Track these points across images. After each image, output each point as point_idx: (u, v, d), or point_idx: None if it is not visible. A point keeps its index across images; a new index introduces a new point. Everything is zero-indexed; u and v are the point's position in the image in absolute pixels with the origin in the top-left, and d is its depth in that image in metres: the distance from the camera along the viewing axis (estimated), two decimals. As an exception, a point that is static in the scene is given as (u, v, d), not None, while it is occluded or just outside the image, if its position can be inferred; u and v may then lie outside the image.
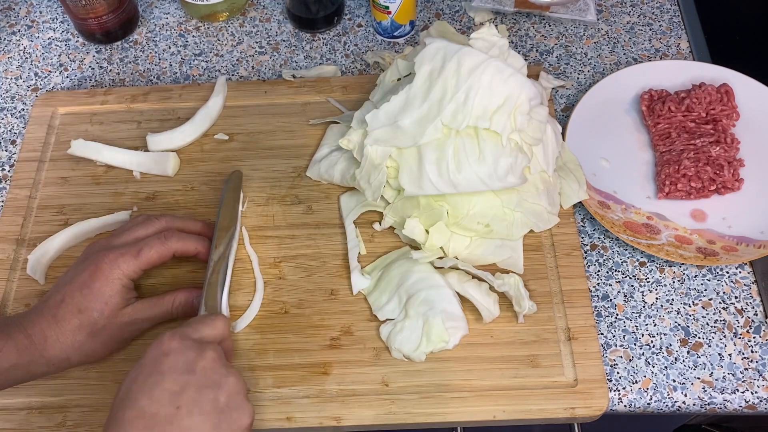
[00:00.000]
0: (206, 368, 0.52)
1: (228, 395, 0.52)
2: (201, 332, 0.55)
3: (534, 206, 0.67)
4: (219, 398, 0.51)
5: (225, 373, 0.53)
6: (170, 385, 0.50)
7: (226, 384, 0.52)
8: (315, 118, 0.78)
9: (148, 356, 0.52)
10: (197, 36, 0.88)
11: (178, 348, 0.52)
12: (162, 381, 0.50)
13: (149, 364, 0.51)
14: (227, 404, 0.51)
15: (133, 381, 0.50)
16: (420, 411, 0.61)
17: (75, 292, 0.58)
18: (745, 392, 0.63)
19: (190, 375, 0.51)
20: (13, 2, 0.92)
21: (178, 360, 0.51)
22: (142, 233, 0.62)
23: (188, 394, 0.50)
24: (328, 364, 0.63)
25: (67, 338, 0.57)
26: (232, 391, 0.52)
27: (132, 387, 0.50)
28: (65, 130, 0.79)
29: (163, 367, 0.51)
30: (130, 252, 0.59)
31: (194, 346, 0.53)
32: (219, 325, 0.57)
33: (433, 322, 0.62)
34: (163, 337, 0.53)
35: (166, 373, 0.50)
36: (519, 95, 0.63)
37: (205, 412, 0.50)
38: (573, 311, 0.65)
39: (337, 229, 0.71)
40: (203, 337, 0.55)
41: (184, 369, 0.51)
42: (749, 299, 0.67)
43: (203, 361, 0.52)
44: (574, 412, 0.60)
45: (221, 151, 0.76)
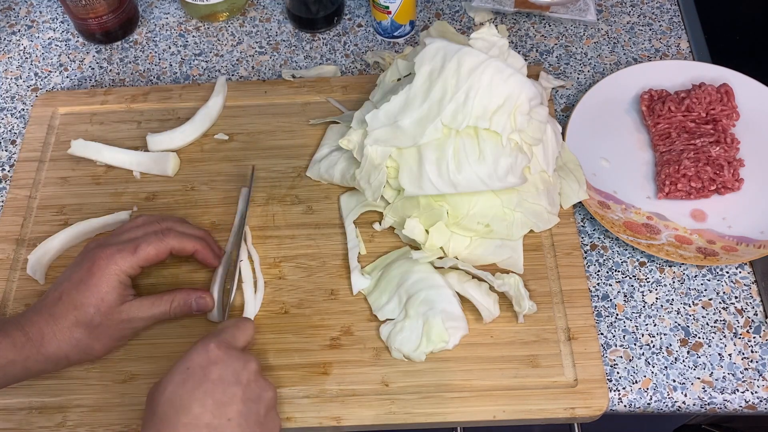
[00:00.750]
0: (251, 381, 0.54)
1: (267, 408, 0.54)
2: (239, 339, 0.57)
3: (534, 206, 0.67)
4: (260, 411, 0.53)
5: (265, 386, 0.55)
6: (221, 396, 0.51)
7: (265, 397, 0.54)
8: (315, 118, 0.78)
9: (195, 362, 0.53)
10: (197, 36, 0.88)
11: (225, 357, 0.53)
12: (213, 391, 0.51)
13: (197, 371, 0.52)
14: (266, 417, 0.54)
15: (181, 386, 0.51)
16: (420, 411, 0.61)
17: (72, 288, 0.58)
18: (745, 392, 0.63)
19: (237, 386, 0.52)
20: (13, 2, 0.92)
21: (226, 370, 0.53)
22: (140, 232, 0.62)
23: (237, 407, 0.52)
24: (328, 364, 0.63)
25: (64, 335, 0.57)
26: (270, 405, 0.55)
27: (181, 392, 0.51)
28: (65, 130, 0.79)
29: (212, 376, 0.52)
30: (128, 248, 0.60)
31: (239, 357, 0.54)
32: (250, 331, 0.59)
33: (433, 322, 0.62)
34: (209, 345, 0.54)
35: (216, 382, 0.52)
36: (519, 95, 0.63)
37: (251, 425, 0.52)
38: (573, 311, 0.65)
39: (337, 229, 0.71)
40: (240, 344, 0.57)
41: (232, 380, 0.52)
42: (749, 299, 0.67)
43: (247, 374, 0.54)
44: (574, 412, 0.60)
45: (221, 151, 0.76)
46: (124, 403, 0.62)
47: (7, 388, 0.62)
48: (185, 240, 0.63)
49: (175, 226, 0.64)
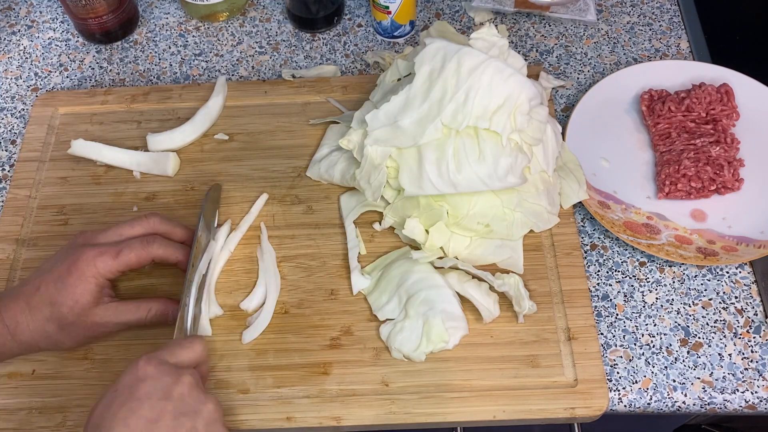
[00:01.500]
0: (183, 395, 0.51)
1: (206, 423, 0.51)
2: (178, 356, 0.54)
3: (534, 206, 0.67)
4: (197, 426, 0.50)
5: (203, 399, 0.52)
6: (147, 412, 0.49)
7: (204, 411, 0.51)
8: (315, 118, 0.78)
9: (123, 382, 0.51)
10: (197, 36, 0.88)
11: (155, 373, 0.51)
12: (139, 408, 0.49)
13: (124, 389, 0.50)
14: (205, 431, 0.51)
15: (107, 407, 0.49)
16: (420, 411, 0.61)
17: (50, 283, 0.58)
18: (745, 392, 0.63)
19: (167, 402, 0.50)
20: (13, 2, 0.92)
21: (155, 386, 0.50)
22: (127, 232, 0.62)
23: (165, 422, 0.49)
24: (328, 364, 0.63)
25: (37, 327, 0.57)
26: (210, 418, 0.51)
27: (105, 414, 0.49)
28: (65, 130, 0.79)
29: (139, 393, 0.50)
30: (110, 252, 0.59)
31: (171, 372, 0.52)
32: (197, 348, 0.56)
33: (433, 322, 0.62)
34: (139, 362, 0.52)
35: (143, 399, 0.49)
36: (519, 95, 0.63)
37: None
38: (573, 311, 0.65)
39: (337, 229, 0.71)
40: (181, 361, 0.54)
41: (161, 395, 0.50)
42: (749, 299, 0.67)
43: (180, 387, 0.51)
44: (574, 412, 0.60)
45: (221, 151, 0.76)
46: None
47: (7, 389, 0.63)
48: (169, 249, 0.62)
49: (162, 226, 0.63)
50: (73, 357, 0.64)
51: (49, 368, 0.64)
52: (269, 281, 0.67)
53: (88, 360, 0.64)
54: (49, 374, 0.63)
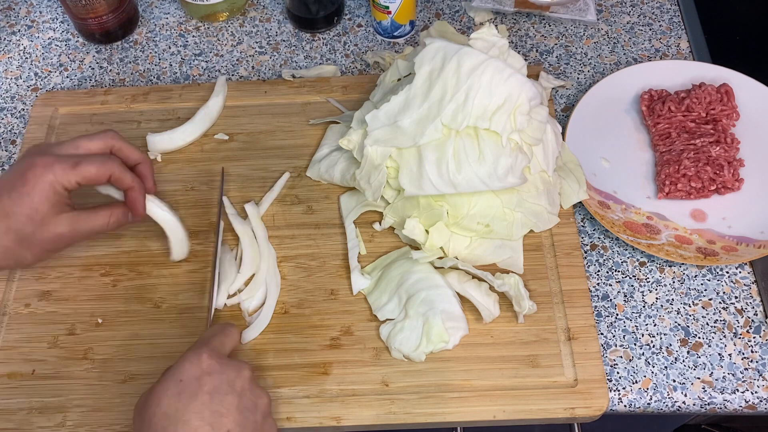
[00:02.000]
0: (245, 389, 0.54)
1: (263, 415, 0.55)
2: (227, 346, 0.57)
3: (534, 206, 0.67)
4: (257, 419, 0.54)
5: (260, 393, 0.55)
6: (217, 407, 0.51)
7: (261, 404, 0.55)
8: (315, 118, 0.78)
9: (188, 374, 0.52)
10: (197, 36, 0.88)
11: (218, 367, 0.53)
12: (210, 402, 0.51)
13: (192, 382, 0.52)
14: (263, 425, 0.54)
15: (177, 398, 0.51)
16: (420, 411, 0.61)
17: (4, 194, 0.56)
18: (745, 392, 0.63)
19: (233, 396, 0.52)
20: (13, 2, 0.93)
21: (221, 380, 0.53)
22: (84, 144, 0.59)
23: (234, 417, 0.52)
24: (328, 364, 0.63)
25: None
26: (266, 411, 0.55)
27: (177, 405, 0.51)
28: (65, 130, 0.79)
29: (207, 387, 0.52)
30: (68, 161, 0.57)
31: (231, 365, 0.54)
32: (236, 336, 0.59)
33: (433, 322, 0.62)
34: (202, 355, 0.53)
35: (212, 393, 0.52)
36: (519, 95, 0.63)
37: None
38: (573, 311, 0.65)
39: (337, 229, 0.71)
40: (228, 350, 0.57)
41: (227, 390, 0.52)
42: (749, 299, 0.68)
43: (242, 381, 0.54)
44: (574, 412, 0.60)
45: (221, 151, 0.76)
46: (124, 403, 0.62)
47: (7, 389, 0.63)
48: (126, 174, 0.60)
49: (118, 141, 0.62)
50: (73, 357, 0.64)
51: (49, 368, 0.64)
52: (269, 281, 0.67)
53: (88, 360, 0.64)
54: (49, 374, 0.63)
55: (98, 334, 0.65)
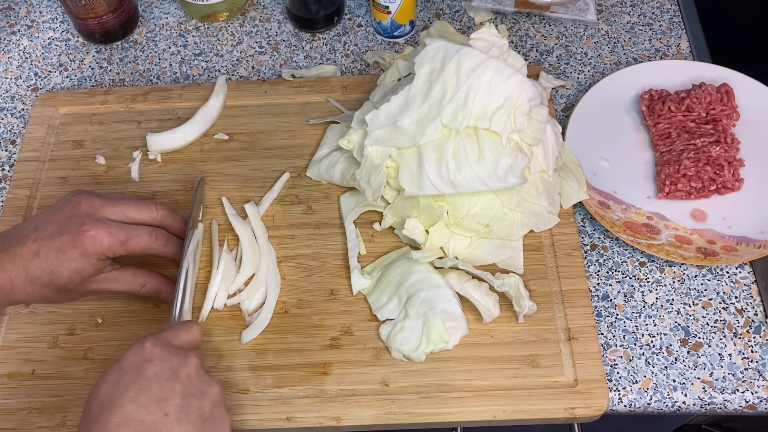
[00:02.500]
0: (191, 376, 0.52)
1: (212, 404, 0.52)
2: (180, 339, 0.55)
3: (534, 206, 0.67)
4: (204, 407, 0.51)
5: (208, 381, 0.53)
6: (156, 391, 0.50)
7: (210, 392, 0.53)
8: (315, 118, 0.78)
9: (129, 361, 0.51)
10: (197, 36, 0.89)
11: (162, 354, 0.52)
12: (148, 387, 0.50)
13: (131, 369, 0.51)
14: (211, 413, 0.52)
15: (114, 385, 0.50)
16: (420, 411, 0.61)
17: (51, 251, 0.57)
18: (745, 392, 0.63)
19: (176, 382, 0.51)
20: (13, 2, 0.93)
21: (163, 366, 0.51)
22: (134, 216, 0.61)
23: (175, 401, 0.50)
24: (328, 364, 0.63)
25: (34, 290, 0.58)
26: (216, 400, 0.53)
27: (113, 392, 0.50)
28: (65, 129, 0.79)
29: (147, 373, 0.50)
30: (119, 237, 0.59)
31: (177, 353, 0.53)
32: (195, 332, 0.57)
33: (433, 322, 0.62)
34: (145, 343, 0.52)
35: (152, 379, 0.50)
36: (519, 95, 0.63)
37: (192, 421, 0.50)
38: (573, 311, 0.65)
39: (337, 229, 0.71)
40: (182, 343, 0.55)
41: (169, 376, 0.51)
42: (749, 299, 0.68)
43: (187, 369, 0.52)
44: (574, 412, 0.61)
45: (221, 151, 0.76)
46: None
47: (7, 389, 0.63)
48: (171, 247, 0.63)
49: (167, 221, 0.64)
50: (73, 357, 0.65)
51: (49, 368, 0.64)
52: (269, 281, 0.67)
53: (88, 360, 0.64)
54: (49, 374, 0.64)
55: (98, 334, 0.66)
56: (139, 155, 0.77)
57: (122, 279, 0.62)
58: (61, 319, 0.66)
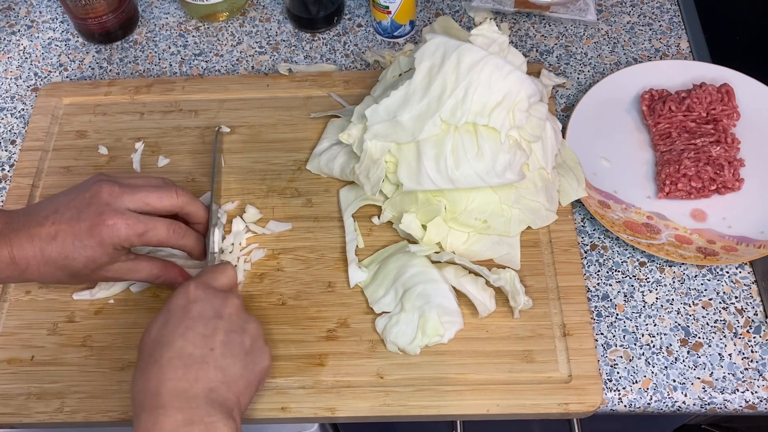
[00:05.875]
0: (232, 314, 0.60)
1: (252, 339, 0.60)
2: (219, 281, 0.63)
3: (532, 203, 0.70)
4: (245, 341, 0.59)
5: (248, 318, 0.61)
6: (202, 329, 0.57)
7: (249, 329, 0.60)
8: (316, 112, 0.82)
9: (176, 304, 0.59)
10: (197, 36, 0.93)
11: (204, 296, 0.60)
12: (194, 326, 0.57)
13: (178, 311, 0.58)
14: (251, 347, 0.60)
15: (164, 326, 0.58)
16: (414, 403, 0.64)
17: (68, 236, 0.60)
18: (745, 392, 0.66)
19: (219, 320, 0.58)
20: (13, 2, 0.97)
21: (206, 307, 0.59)
22: (153, 203, 0.64)
23: (219, 337, 0.58)
24: (324, 355, 0.67)
25: (48, 271, 0.61)
26: (255, 335, 0.61)
27: (164, 332, 0.57)
28: (69, 120, 0.84)
29: (192, 313, 0.58)
30: (136, 228, 0.62)
31: (218, 294, 0.60)
32: (231, 273, 0.65)
33: (428, 315, 0.66)
34: (189, 287, 0.60)
35: (197, 318, 0.58)
36: (518, 92, 0.66)
37: (235, 354, 0.58)
38: (569, 307, 0.69)
39: (335, 222, 0.75)
40: (221, 285, 0.63)
41: (212, 315, 0.59)
42: (749, 299, 0.71)
43: (228, 308, 0.60)
44: (567, 408, 0.64)
45: (223, 143, 0.81)
46: (122, 390, 0.66)
47: (6, 374, 0.67)
48: (189, 240, 0.67)
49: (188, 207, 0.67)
50: (72, 344, 0.69)
51: (48, 355, 0.68)
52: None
53: (87, 347, 0.69)
54: (47, 360, 0.68)
55: (97, 322, 0.70)
56: (141, 146, 0.81)
57: (137, 269, 0.66)
58: (61, 306, 0.71)
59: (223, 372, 0.56)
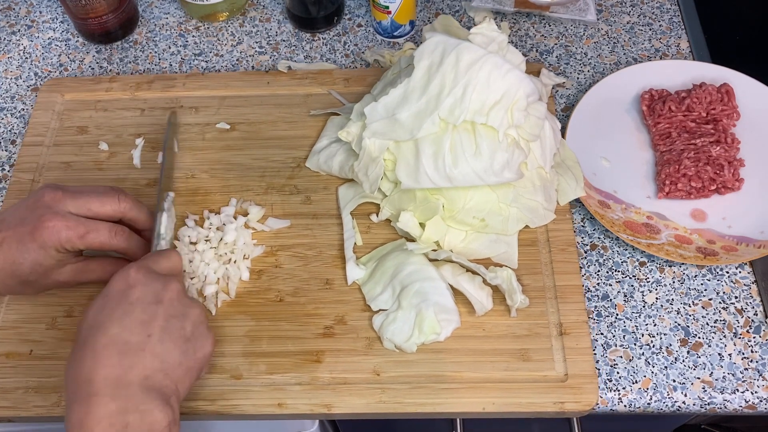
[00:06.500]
0: (172, 299, 0.60)
1: (193, 324, 0.60)
2: (161, 264, 0.63)
3: (530, 202, 0.72)
4: (185, 327, 0.59)
5: (189, 303, 0.61)
6: (140, 314, 0.57)
7: (191, 314, 0.60)
8: (316, 109, 0.85)
9: (114, 288, 0.59)
10: (197, 36, 0.95)
11: (144, 280, 0.59)
12: (132, 311, 0.57)
13: (116, 295, 0.58)
14: (192, 333, 0.60)
15: (101, 310, 0.58)
16: (410, 401, 0.66)
17: (13, 241, 0.63)
18: (745, 392, 0.68)
19: (158, 305, 0.58)
20: (13, 2, 0.99)
21: (146, 291, 0.59)
22: (96, 209, 0.66)
23: (157, 323, 0.58)
24: (320, 352, 0.69)
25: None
26: (197, 320, 0.61)
27: (99, 317, 0.57)
28: (70, 115, 0.86)
29: (131, 298, 0.58)
30: (77, 230, 0.64)
31: (159, 279, 0.60)
32: (175, 259, 0.65)
33: (425, 313, 0.67)
34: (129, 270, 0.60)
35: (135, 303, 0.58)
36: (517, 91, 0.68)
37: (173, 340, 0.58)
38: (566, 307, 0.71)
39: (334, 219, 0.77)
40: (163, 269, 0.63)
41: (151, 299, 0.59)
42: (749, 299, 0.72)
43: (169, 293, 0.60)
44: (563, 407, 0.65)
45: (222, 140, 0.83)
46: None
47: (5, 368, 0.69)
48: (131, 244, 0.68)
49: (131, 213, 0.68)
50: (70, 338, 0.71)
51: (47, 349, 0.70)
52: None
53: (84, 342, 0.71)
54: (45, 355, 0.70)
55: None
56: (142, 142, 0.84)
57: (89, 270, 0.68)
58: (60, 301, 0.73)
59: (161, 359, 0.57)
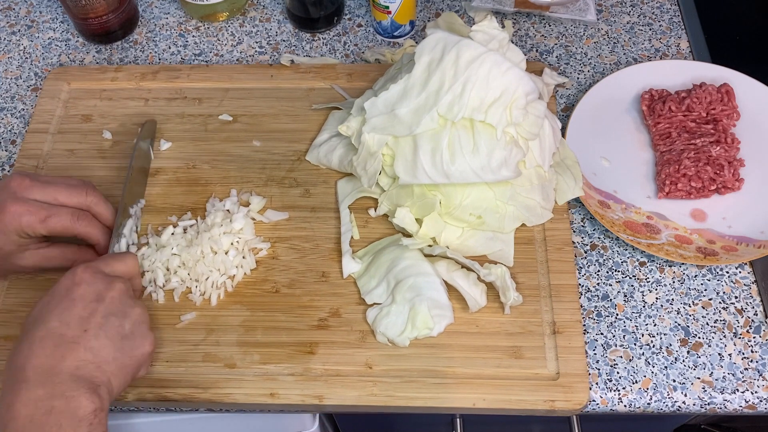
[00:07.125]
0: (114, 299, 0.63)
1: (133, 324, 0.64)
2: (112, 266, 0.67)
3: (527, 200, 0.74)
4: (124, 326, 0.63)
5: (131, 304, 0.65)
6: (79, 311, 0.62)
7: (131, 314, 0.64)
8: (318, 103, 0.87)
9: (61, 285, 0.63)
10: (197, 36, 0.98)
11: (90, 279, 0.64)
12: (72, 307, 0.62)
13: (61, 291, 0.63)
14: (131, 332, 0.63)
15: (45, 305, 0.62)
16: (401, 395, 0.68)
17: None
18: (745, 392, 0.69)
19: (99, 303, 0.62)
20: (13, 2, 1.02)
21: (89, 290, 0.63)
22: (61, 198, 0.69)
23: (95, 320, 0.61)
24: (314, 344, 0.71)
25: None
26: (137, 320, 0.64)
27: (42, 311, 0.62)
28: (75, 104, 0.89)
29: (74, 295, 0.62)
30: (38, 215, 0.67)
31: (105, 279, 0.64)
32: (129, 262, 0.69)
33: (419, 308, 0.69)
34: (77, 269, 0.64)
35: (77, 300, 0.62)
36: (516, 89, 0.70)
37: (109, 337, 0.62)
38: (560, 305, 0.72)
39: (332, 213, 0.79)
40: (114, 271, 0.67)
41: (93, 298, 0.63)
42: (749, 299, 0.74)
43: (112, 292, 0.64)
44: (553, 405, 0.67)
45: (224, 131, 0.86)
46: None
47: (4, 351, 0.72)
48: (94, 230, 0.71)
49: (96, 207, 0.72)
50: None
51: None
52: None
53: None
54: None
55: None
56: None
57: (50, 256, 0.71)
58: None
59: (94, 353, 0.60)
